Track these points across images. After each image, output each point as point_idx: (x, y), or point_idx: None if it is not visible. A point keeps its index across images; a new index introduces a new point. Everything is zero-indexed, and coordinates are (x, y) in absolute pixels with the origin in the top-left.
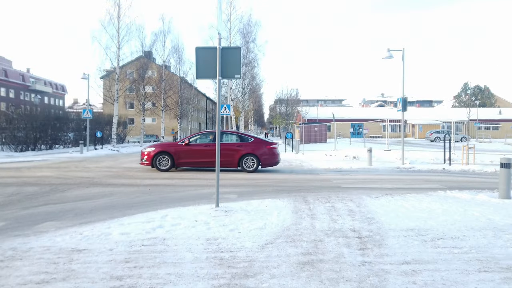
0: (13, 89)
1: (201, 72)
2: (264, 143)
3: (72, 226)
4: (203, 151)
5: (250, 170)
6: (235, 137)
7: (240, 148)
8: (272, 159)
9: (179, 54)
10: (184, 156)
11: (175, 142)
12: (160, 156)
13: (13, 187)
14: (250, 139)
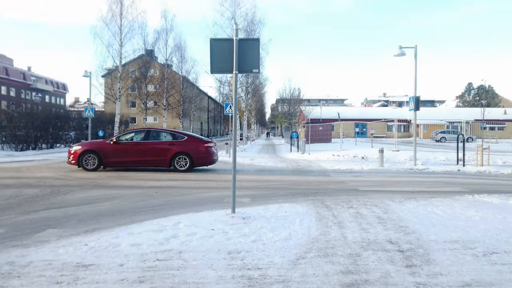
0: (14, 87)
1: (216, 66)
2: (198, 141)
3: (76, 235)
4: (133, 149)
5: (183, 170)
6: (168, 135)
7: (172, 147)
8: (206, 158)
9: (182, 52)
10: (112, 155)
11: (103, 141)
12: (87, 155)
13: (12, 189)
14: (183, 137)
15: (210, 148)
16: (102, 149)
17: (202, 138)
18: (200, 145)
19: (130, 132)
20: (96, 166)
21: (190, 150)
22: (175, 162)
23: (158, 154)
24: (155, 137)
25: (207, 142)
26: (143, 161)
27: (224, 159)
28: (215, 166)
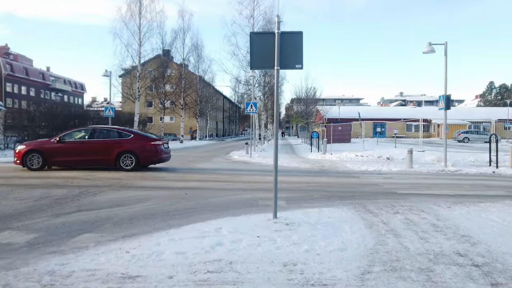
0: (33, 87)
1: (256, 61)
2: (144, 139)
3: (114, 241)
4: (77, 148)
5: (128, 169)
6: (113, 133)
7: (117, 145)
8: (152, 156)
9: (199, 51)
10: (56, 154)
11: (48, 140)
12: (31, 154)
13: (40, 189)
14: (129, 136)
15: (157, 146)
16: (46, 148)
17: (149, 136)
18: (146, 143)
19: (75, 130)
20: (40, 165)
21: (136, 148)
22: (121, 161)
23: (102, 153)
24: (100, 135)
25: (153, 140)
26: (87, 160)
27: (245, 159)
28: (240, 166)
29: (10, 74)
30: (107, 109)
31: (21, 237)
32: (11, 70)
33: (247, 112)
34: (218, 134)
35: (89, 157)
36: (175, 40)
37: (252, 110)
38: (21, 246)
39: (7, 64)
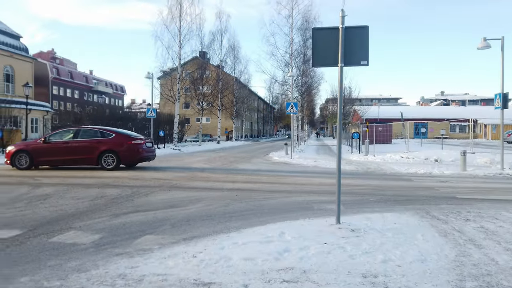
0: (77, 90)
1: (319, 58)
2: (125, 138)
3: (177, 243)
4: (62, 148)
5: (110, 168)
6: (96, 133)
7: (99, 145)
8: (133, 155)
9: (235, 52)
10: (42, 154)
11: (35, 140)
12: (19, 155)
13: (95, 189)
14: (111, 135)
15: (138, 145)
16: (33, 149)
17: (131, 135)
18: (127, 142)
19: (60, 131)
20: (28, 165)
21: (117, 147)
22: (102, 160)
23: (85, 152)
24: (84, 135)
25: (134, 139)
26: (71, 160)
27: (286, 160)
28: (282, 167)
29: (56, 78)
30: (149, 111)
31: (86, 238)
32: (57, 74)
33: (287, 112)
34: (253, 134)
35: (73, 157)
36: (213, 42)
37: (292, 110)
38: (88, 247)
39: (53, 68)
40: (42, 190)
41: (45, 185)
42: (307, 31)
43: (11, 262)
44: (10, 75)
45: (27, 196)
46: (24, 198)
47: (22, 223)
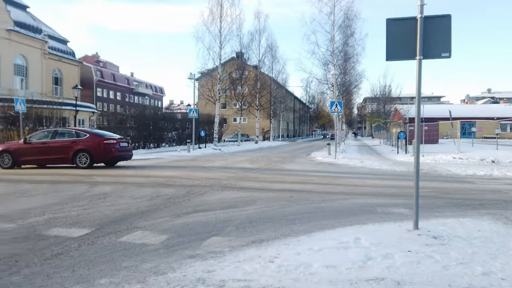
0: (120, 92)
1: (393, 51)
2: (98, 138)
3: (247, 246)
4: (40, 148)
5: (84, 167)
6: (71, 134)
7: (73, 145)
8: (106, 154)
9: (273, 52)
10: (23, 154)
11: (17, 141)
12: (3, 154)
13: (149, 188)
14: (85, 135)
15: (110, 145)
16: (14, 149)
17: (104, 135)
18: (99, 142)
19: (39, 132)
20: (10, 164)
21: (90, 147)
22: (77, 159)
23: (61, 152)
24: (60, 136)
25: (107, 139)
26: (48, 159)
27: (330, 160)
28: (329, 168)
29: (100, 80)
30: (191, 111)
31: (154, 238)
32: (101, 76)
33: (331, 111)
34: (289, 134)
35: (50, 156)
36: (252, 42)
37: (337, 109)
38: (158, 248)
39: (97, 71)
40: (100, 188)
41: (101, 183)
42: (348, 28)
43: (87, 262)
44: (59, 78)
45: (87, 195)
46: (84, 197)
47: (88, 221)
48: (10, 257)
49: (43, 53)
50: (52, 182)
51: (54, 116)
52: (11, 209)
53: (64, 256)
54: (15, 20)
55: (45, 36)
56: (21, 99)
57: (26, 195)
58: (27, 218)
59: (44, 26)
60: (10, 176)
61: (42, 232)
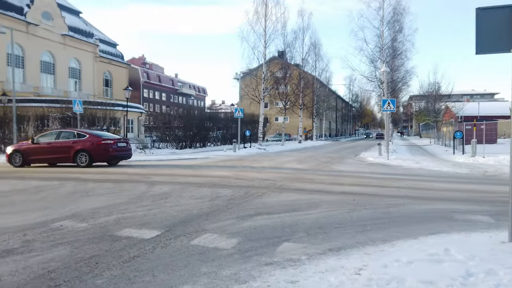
0: (165, 92)
1: (484, 43)
2: (97, 139)
3: (325, 255)
4: (46, 148)
5: (83, 165)
6: (73, 134)
7: (74, 145)
8: (103, 154)
9: (316, 50)
10: (31, 153)
11: (26, 142)
12: (14, 154)
13: (206, 188)
14: (85, 136)
15: (108, 145)
16: (24, 149)
17: (102, 136)
18: (97, 142)
19: (46, 133)
20: (20, 163)
21: (89, 147)
22: (77, 158)
23: (64, 151)
24: (64, 137)
25: (105, 140)
26: (53, 158)
27: (381, 161)
28: (383, 169)
29: (146, 82)
30: (237, 111)
31: (224, 242)
32: (147, 78)
33: (383, 110)
34: (331, 134)
35: (54, 156)
36: (295, 40)
37: (389, 107)
38: (232, 253)
39: (144, 73)
40: (159, 188)
41: (159, 183)
42: (396, 23)
43: (165, 267)
44: (109, 80)
45: (148, 195)
46: (146, 197)
47: (156, 222)
48: (90, 258)
49: (94, 56)
50: (115, 181)
51: (107, 116)
52: (82, 208)
53: (141, 259)
54: (69, 25)
55: (96, 40)
56: (78, 100)
57: (90, 194)
58: (98, 218)
59: (95, 30)
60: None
61: (114, 232)
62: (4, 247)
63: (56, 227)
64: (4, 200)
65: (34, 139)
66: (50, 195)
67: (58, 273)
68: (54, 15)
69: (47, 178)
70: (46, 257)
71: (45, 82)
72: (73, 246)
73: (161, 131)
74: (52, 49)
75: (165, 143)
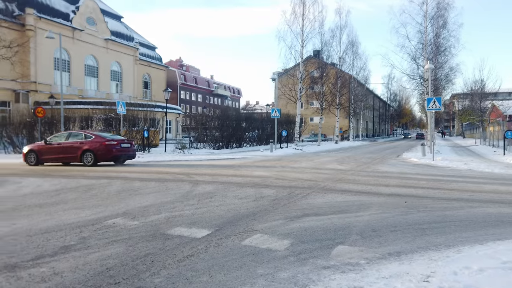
0: (201, 94)
1: None
2: (101, 139)
3: (385, 259)
4: (57, 148)
5: (89, 164)
6: (81, 136)
7: (81, 145)
8: (107, 154)
9: (354, 49)
10: (44, 153)
11: (40, 142)
12: (29, 154)
13: (249, 188)
14: (91, 137)
15: (111, 145)
16: (38, 149)
17: (107, 137)
18: (102, 143)
19: (57, 134)
20: (35, 162)
21: (94, 147)
22: (84, 157)
23: (72, 151)
24: (73, 138)
25: (108, 141)
26: (63, 158)
27: (426, 162)
28: (430, 171)
29: (183, 83)
30: (273, 111)
31: (276, 243)
32: (184, 80)
33: (428, 109)
34: (368, 134)
35: (64, 155)
36: (332, 39)
37: (435, 106)
38: (285, 255)
39: (181, 75)
40: (202, 188)
41: (202, 182)
42: (440, 18)
43: (221, 267)
44: (148, 82)
45: (194, 194)
46: (192, 196)
47: (205, 222)
48: (145, 256)
49: (135, 59)
50: (159, 180)
51: (148, 118)
52: (132, 206)
53: (196, 259)
54: (111, 30)
55: (137, 43)
56: (121, 102)
57: (138, 192)
58: (148, 216)
59: (135, 34)
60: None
61: (165, 231)
62: (62, 243)
63: (109, 224)
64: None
65: (46, 140)
66: (100, 193)
67: (116, 271)
68: (97, 20)
69: (68, 176)
70: (103, 254)
71: (89, 85)
72: (127, 244)
73: (198, 131)
74: (96, 53)
75: (202, 144)
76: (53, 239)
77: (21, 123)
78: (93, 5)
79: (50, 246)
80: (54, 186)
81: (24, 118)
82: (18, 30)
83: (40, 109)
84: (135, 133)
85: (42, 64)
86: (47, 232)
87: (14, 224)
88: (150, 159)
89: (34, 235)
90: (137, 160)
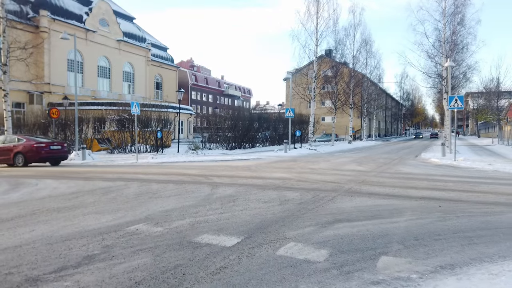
0: (211, 94)
1: None
2: (31, 142)
3: (438, 273)
4: None
5: (20, 165)
6: (15, 139)
7: (14, 148)
8: (35, 156)
9: (368, 47)
10: None
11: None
12: None
13: (271, 191)
14: (23, 140)
15: (40, 148)
16: None
17: (36, 140)
18: (31, 146)
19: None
20: None
21: (24, 150)
22: (16, 159)
23: (6, 154)
24: (8, 141)
25: (38, 143)
26: (1, 159)
27: (448, 162)
28: (453, 172)
29: (194, 84)
30: (287, 111)
31: (313, 253)
32: (195, 80)
33: (449, 108)
34: (380, 134)
35: (1, 157)
36: (346, 37)
37: (457, 104)
38: (327, 267)
39: (192, 75)
40: (223, 190)
41: (220, 185)
42: (457, 15)
43: (259, 281)
44: (159, 82)
45: (215, 197)
46: (213, 200)
47: (232, 228)
48: (175, 267)
49: (146, 60)
50: (177, 182)
51: (161, 118)
52: (152, 210)
53: (230, 271)
54: (124, 31)
55: (149, 44)
56: (136, 102)
57: (157, 196)
58: (171, 222)
59: (147, 35)
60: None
61: (192, 238)
62: (85, 253)
63: (132, 231)
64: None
65: None
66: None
67: (146, 285)
68: (110, 21)
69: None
70: (130, 265)
71: (102, 86)
72: (154, 253)
73: (211, 131)
74: (108, 54)
75: (215, 144)
76: (53, 251)
77: (35, 124)
78: (106, 7)
79: (65, 256)
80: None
81: (39, 119)
82: (32, 32)
83: (54, 110)
84: (148, 134)
85: (55, 66)
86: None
87: None
88: (164, 160)
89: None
90: (150, 162)
